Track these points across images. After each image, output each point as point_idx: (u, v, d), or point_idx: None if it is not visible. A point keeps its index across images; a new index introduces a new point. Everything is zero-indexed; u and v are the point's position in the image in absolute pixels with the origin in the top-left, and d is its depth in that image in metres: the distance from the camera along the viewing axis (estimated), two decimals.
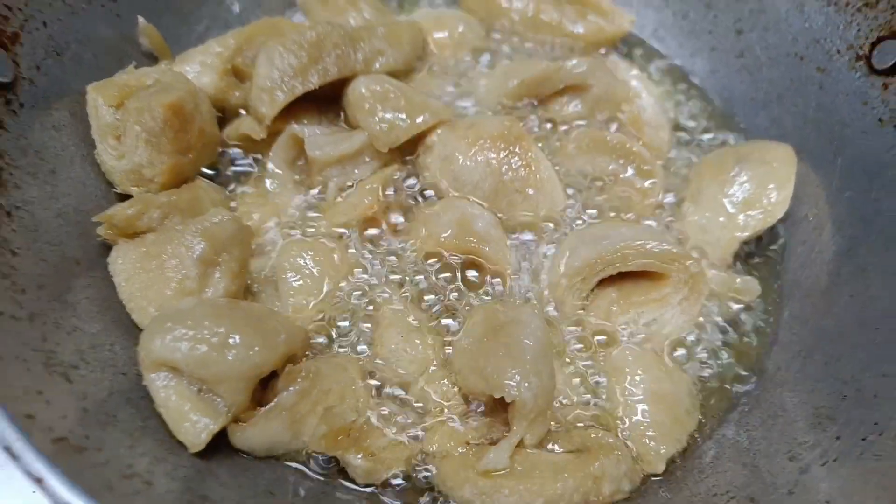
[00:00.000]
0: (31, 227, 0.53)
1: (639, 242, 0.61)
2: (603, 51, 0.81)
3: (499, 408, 0.55)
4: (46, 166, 0.57)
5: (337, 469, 0.55)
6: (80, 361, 0.50)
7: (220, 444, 0.51)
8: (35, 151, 0.57)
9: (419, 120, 0.66)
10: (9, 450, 0.38)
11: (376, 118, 0.65)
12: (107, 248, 0.59)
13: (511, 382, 0.52)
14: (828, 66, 0.69)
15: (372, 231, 0.65)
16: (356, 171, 0.66)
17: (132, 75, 0.63)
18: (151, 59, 0.70)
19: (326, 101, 0.68)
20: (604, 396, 0.60)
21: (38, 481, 0.38)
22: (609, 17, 0.79)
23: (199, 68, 0.68)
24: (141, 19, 0.68)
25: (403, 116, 0.65)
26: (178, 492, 0.45)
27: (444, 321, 0.62)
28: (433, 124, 0.67)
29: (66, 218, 0.57)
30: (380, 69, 0.68)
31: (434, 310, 0.62)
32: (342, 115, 0.69)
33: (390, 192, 0.67)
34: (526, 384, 0.51)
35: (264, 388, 0.54)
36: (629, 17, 0.80)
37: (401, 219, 0.66)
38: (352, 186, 0.67)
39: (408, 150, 0.69)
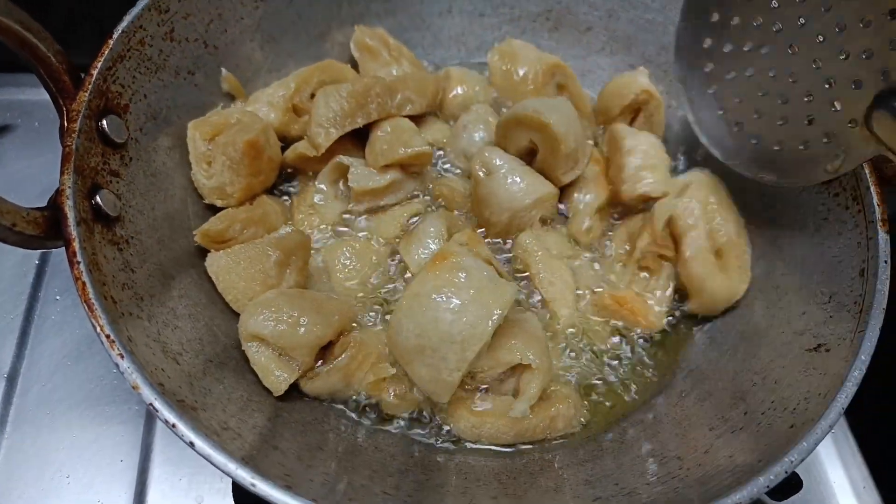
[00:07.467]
0: (142, 252, 0.70)
1: None
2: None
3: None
4: (148, 204, 0.74)
5: (372, 406, 0.76)
6: (182, 350, 0.66)
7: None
8: (140, 194, 0.73)
9: (400, 151, 0.84)
10: (152, 405, 0.56)
11: (383, 146, 0.85)
12: (193, 268, 0.77)
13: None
14: None
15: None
16: (383, 200, 0.87)
17: (220, 115, 0.83)
18: (230, 97, 0.90)
19: (364, 134, 0.88)
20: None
21: (173, 426, 0.55)
22: None
23: (266, 107, 0.87)
24: (223, 69, 0.87)
25: (395, 146, 0.85)
26: (258, 442, 0.63)
27: None
28: (411, 154, 0.84)
29: (163, 244, 0.74)
30: (408, 113, 0.88)
31: None
32: None
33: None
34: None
35: (323, 351, 0.74)
36: None
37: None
38: (381, 208, 0.87)
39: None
